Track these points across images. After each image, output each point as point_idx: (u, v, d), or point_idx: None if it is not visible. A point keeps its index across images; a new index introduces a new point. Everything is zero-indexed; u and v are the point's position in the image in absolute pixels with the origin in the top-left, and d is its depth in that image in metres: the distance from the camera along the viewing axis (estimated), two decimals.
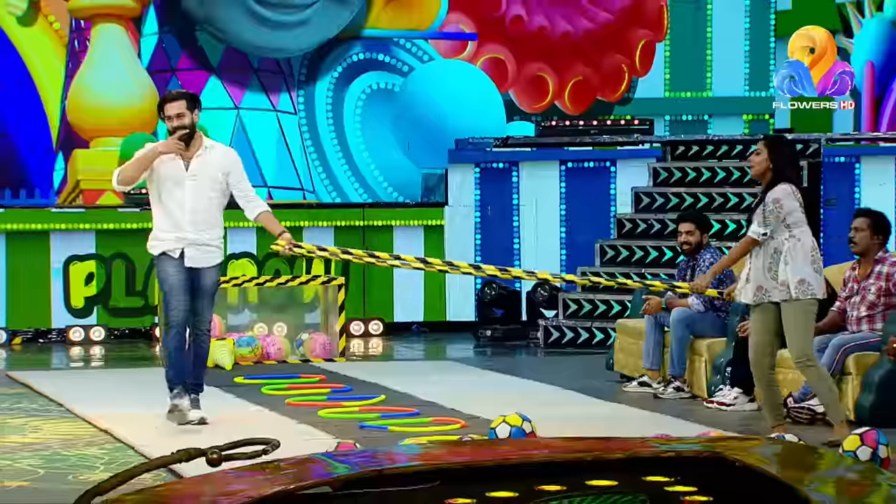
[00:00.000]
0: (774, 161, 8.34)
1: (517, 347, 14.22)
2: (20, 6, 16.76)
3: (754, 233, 8.24)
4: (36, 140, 17.09)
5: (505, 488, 4.50)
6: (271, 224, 9.21)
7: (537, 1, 18.41)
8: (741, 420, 9.49)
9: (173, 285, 9.01)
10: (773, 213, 8.20)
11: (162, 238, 9.07)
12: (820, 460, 4.95)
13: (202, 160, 9.06)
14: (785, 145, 8.64)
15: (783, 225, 8.24)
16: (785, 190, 8.25)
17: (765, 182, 8.42)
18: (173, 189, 9.02)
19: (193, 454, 4.38)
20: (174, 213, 9.02)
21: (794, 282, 8.13)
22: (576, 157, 15.22)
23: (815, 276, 8.22)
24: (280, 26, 17.02)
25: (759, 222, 8.22)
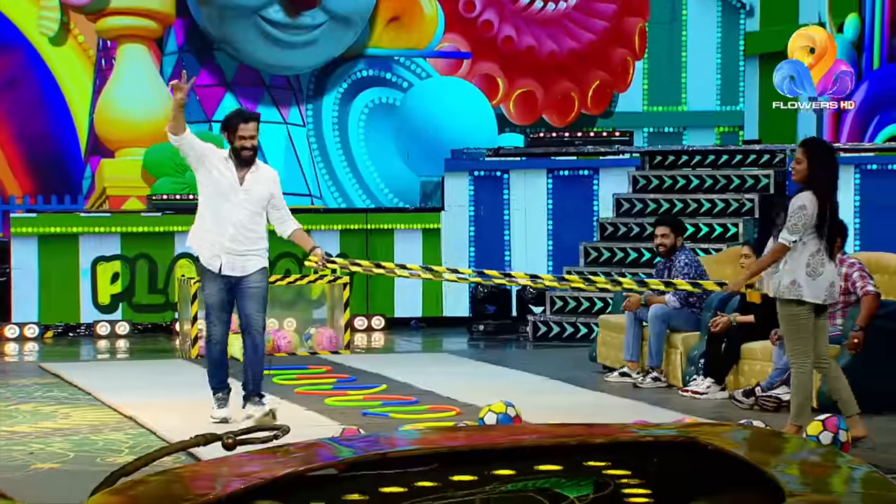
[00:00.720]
0: (812, 167, 7.96)
1: (508, 341, 14.22)
2: (52, 27, 16.76)
3: (785, 239, 7.90)
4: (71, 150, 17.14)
5: (497, 469, 4.51)
6: (304, 241, 8.93)
7: (526, 23, 18.41)
8: (713, 408, 9.50)
9: (213, 304, 8.72)
10: (802, 219, 7.86)
11: (204, 247, 8.73)
12: (785, 444, 4.95)
13: (256, 176, 8.80)
14: (825, 150, 8.17)
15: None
16: (808, 197, 7.91)
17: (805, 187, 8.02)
18: (224, 199, 8.66)
19: (210, 439, 4.39)
20: (221, 222, 8.65)
21: (787, 282, 7.93)
22: (562, 166, 15.22)
23: (807, 279, 7.92)
24: (290, 46, 17.03)
25: (787, 228, 7.89)
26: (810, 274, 7.94)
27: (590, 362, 11.68)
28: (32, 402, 9.88)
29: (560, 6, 18.49)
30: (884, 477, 4.26)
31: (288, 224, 8.96)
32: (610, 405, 9.67)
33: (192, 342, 12.58)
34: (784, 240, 7.92)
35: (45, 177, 17.03)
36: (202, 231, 8.75)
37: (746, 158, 14.47)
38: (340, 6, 17.04)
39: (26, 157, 17.02)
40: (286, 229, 8.95)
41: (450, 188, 15.39)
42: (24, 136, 17.00)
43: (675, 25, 20.01)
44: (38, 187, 16.91)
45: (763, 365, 9.60)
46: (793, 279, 7.93)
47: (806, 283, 7.93)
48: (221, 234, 8.65)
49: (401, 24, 17.91)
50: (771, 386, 9.33)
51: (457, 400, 9.71)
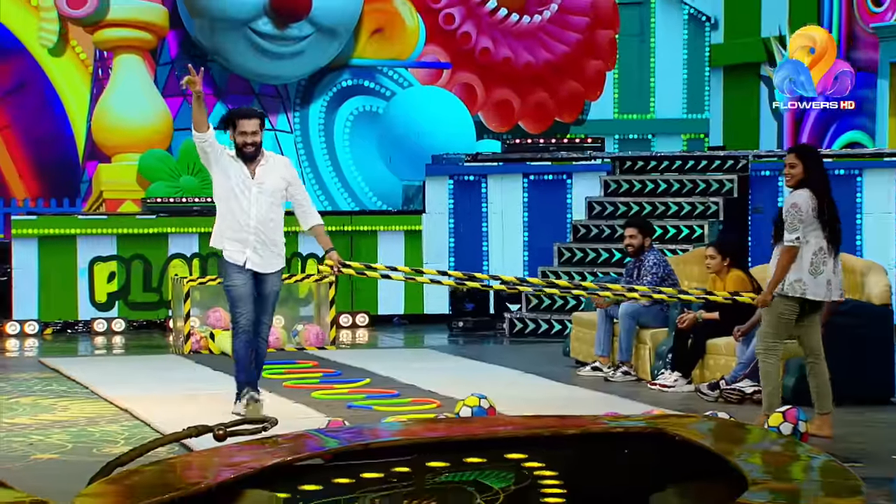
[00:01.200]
0: (807, 171, 7.88)
1: (486, 337, 14.22)
2: (51, 38, 16.71)
3: (788, 241, 7.81)
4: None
5: (475, 455, 4.51)
6: (322, 238, 8.72)
7: (503, 35, 18.42)
8: (680, 400, 9.51)
9: (241, 295, 8.48)
10: (796, 216, 7.78)
11: (227, 242, 8.50)
12: (747, 435, 4.96)
13: (266, 168, 8.54)
14: (815, 155, 8.10)
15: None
16: (801, 195, 7.84)
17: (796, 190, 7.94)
18: (240, 194, 8.46)
19: (202, 430, 4.38)
20: (239, 218, 8.45)
21: (792, 279, 7.84)
22: (537, 171, 15.23)
23: (811, 279, 7.86)
24: (278, 56, 17.00)
25: (787, 230, 7.81)
26: (812, 272, 7.87)
27: (563, 357, 11.68)
28: (32, 395, 9.85)
29: (535, 19, 18.49)
30: (841, 465, 4.27)
31: (310, 217, 8.71)
32: (582, 398, 9.68)
33: (184, 338, 12.54)
34: (788, 242, 7.82)
35: (47, 180, 16.98)
36: (226, 229, 8.49)
37: (711, 164, 14.51)
38: (326, 18, 17.02)
39: (30, 160, 16.96)
40: (307, 222, 8.71)
41: (430, 192, 15.38)
42: (28, 140, 16.96)
43: (644, 38, 20.05)
44: (40, 190, 16.86)
45: (727, 360, 9.62)
46: (798, 277, 7.85)
47: (809, 281, 7.86)
48: (244, 229, 8.44)
49: (384, 35, 17.89)
50: (735, 379, 9.36)
51: (437, 393, 9.70)
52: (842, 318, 9.19)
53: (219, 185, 8.58)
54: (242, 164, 8.54)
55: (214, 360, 11.91)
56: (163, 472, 4.26)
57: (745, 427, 5.26)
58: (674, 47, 20.06)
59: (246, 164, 8.53)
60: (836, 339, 9.16)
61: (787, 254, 7.83)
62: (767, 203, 14.17)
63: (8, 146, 16.92)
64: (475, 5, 18.19)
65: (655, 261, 10.77)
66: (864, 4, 18.35)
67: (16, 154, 16.93)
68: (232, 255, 8.48)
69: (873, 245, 13.71)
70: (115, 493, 3.94)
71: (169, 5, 16.69)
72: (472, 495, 4.15)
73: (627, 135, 19.91)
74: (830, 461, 4.31)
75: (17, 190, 16.88)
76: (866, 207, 13.92)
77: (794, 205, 7.83)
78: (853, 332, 9.21)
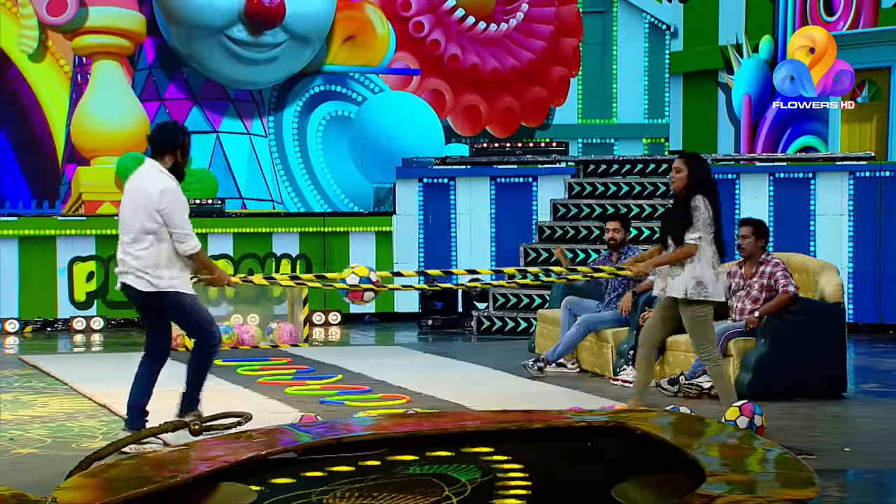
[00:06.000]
0: (692, 176, 7.98)
1: (454, 334, 14.22)
2: (31, 45, 16.61)
3: (692, 240, 7.85)
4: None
5: (441, 450, 4.51)
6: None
7: (471, 42, 18.43)
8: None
9: (205, 307, 7.85)
10: (698, 218, 7.85)
11: (186, 274, 7.54)
12: (706, 428, 4.98)
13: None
14: (702, 162, 8.22)
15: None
16: (703, 199, 7.92)
17: (683, 193, 8.01)
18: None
19: (178, 425, 4.36)
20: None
21: (693, 283, 7.89)
22: (503, 174, 15.24)
23: (713, 280, 7.93)
24: (253, 63, 16.96)
25: (692, 229, 7.86)
26: (715, 275, 7.93)
27: (529, 353, 11.69)
28: (13, 391, 9.78)
29: (502, 27, 18.52)
30: (795, 458, 4.30)
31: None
32: (548, 393, 9.69)
33: None
34: (692, 240, 7.87)
35: (28, 182, 16.88)
36: (182, 263, 7.49)
37: (671, 167, 14.54)
38: (300, 26, 16.98)
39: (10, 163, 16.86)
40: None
41: (401, 194, 15.37)
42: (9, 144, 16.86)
43: (607, 46, 20.10)
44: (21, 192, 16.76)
45: (686, 356, 9.66)
46: (699, 280, 7.89)
47: (711, 284, 7.92)
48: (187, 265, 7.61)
49: (355, 42, 17.88)
50: (694, 375, 9.39)
51: (407, 389, 9.69)
52: (797, 315, 9.26)
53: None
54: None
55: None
56: (139, 465, 4.24)
57: (704, 421, 5.29)
58: (635, 55, 20.12)
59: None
60: (792, 335, 9.23)
61: (688, 250, 7.87)
62: (725, 205, 14.21)
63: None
64: (444, 14, 18.20)
65: (633, 256, 10.70)
66: (818, 13, 18.46)
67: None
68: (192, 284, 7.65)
69: (826, 246, 13.80)
70: (93, 486, 3.93)
71: (146, 13, 16.62)
72: (440, 487, 4.16)
73: (591, 139, 19.95)
74: (785, 454, 4.34)
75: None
76: (819, 209, 14.00)
77: (697, 207, 7.90)
78: (807, 330, 9.27)
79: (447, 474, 4.30)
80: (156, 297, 7.44)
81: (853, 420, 8.66)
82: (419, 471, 4.35)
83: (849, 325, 10.00)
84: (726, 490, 3.72)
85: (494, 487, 4.16)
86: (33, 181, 16.93)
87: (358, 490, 4.12)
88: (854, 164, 14.00)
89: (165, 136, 7.48)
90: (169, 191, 7.37)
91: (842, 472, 6.82)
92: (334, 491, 4.09)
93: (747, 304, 9.44)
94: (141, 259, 7.39)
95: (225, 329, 12.67)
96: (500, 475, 4.27)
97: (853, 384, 9.82)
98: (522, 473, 4.27)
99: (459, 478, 4.25)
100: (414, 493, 4.07)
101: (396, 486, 4.16)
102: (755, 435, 5.47)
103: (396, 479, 4.26)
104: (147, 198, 7.36)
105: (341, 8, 17.54)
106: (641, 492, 4.21)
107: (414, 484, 4.18)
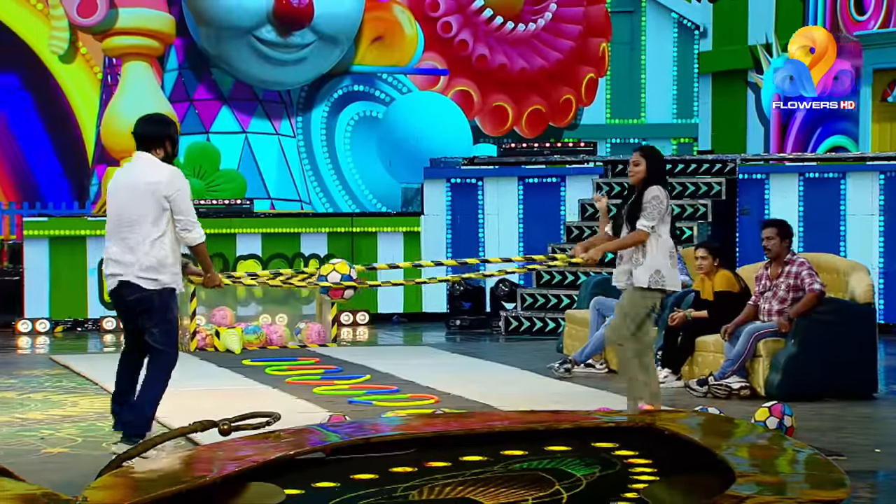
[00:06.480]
0: (650, 169, 7.92)
1: (482, 335, 14.22)
2: (62, 46, 16.71)
3: (644, 226, 7.79)
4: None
5: (473, 453, 4.50)
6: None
7: (499, 42, 18.42)
8: (670, 396, 9.48)
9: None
10: (656, 207, 7.80)
11: (179, 272, 7.27)
12: (735, 429, 4.96)
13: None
14: (658, 155, 8.16)
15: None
16: (660, 189, 7.88)
17: (640, 186, 7.94)
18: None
19: (207, 425, 4.37)
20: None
21: (651, 271, 7.81)
22: (532, 174, 15.23)
23: (670, 269, 7.86)
24: (281, 63, 16.99)
25: (645, 216, 7.80)
26: (671, 265, 7.89)
27: (557, 354, 11.67)
28: (43, 391, 9.84)
29: (530, 27, 18.50)
30: (825, 459, 4.28)
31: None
32: (576, 393, 9.67)
33: (190, 336, 12.54)
34: (644, 227, 7.80)
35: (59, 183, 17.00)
36: (178, 259, 7.26)
37: (700, 167, 14.51)
38: (328, 27, 17.01)
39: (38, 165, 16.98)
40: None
41: (428, 194, 15.38)
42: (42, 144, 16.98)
43: (635, 45, 20.06)
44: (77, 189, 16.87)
45: (715, 356, 9.62)
46: (656, 269, 7.83)
47: (668, 273, 7.87)
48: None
49: (384, 43, 17.90)
50: (723, 375, 9.35)
51: (435, 389, 9.69)
52: (826, 316, 9.21)
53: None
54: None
55: (220, 358, 11.91)
56: (170, 465, 4.26)
57: (733, 422, 5.26)
58: (664, 54, 20.07)
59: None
60: (821, 336, 9.19)
61: (638, 236, 7.81)
62: (754, 205, 14.18)
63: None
64: (472, 14, 18.19)
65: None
66: (848, 13, 18.35)
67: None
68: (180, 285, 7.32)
69: (856, 246, 13.72)
70: (123, 485, 3.94)
71: (176, 14, 16.68)
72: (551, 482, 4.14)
73: (619, 139, 19.91)
74: (815, 455, 4.31)
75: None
76: (850, 209, 13.93)
77: (655, 196, 7.84)
78: (837, 330, 9.23)
79: (562, 469, 4.29)
80: (155, 295, 7.02)
81: (883, 421, 8.61)
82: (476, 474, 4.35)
83: (879, 326, 9.93)
84: (756, 491, 3.70)
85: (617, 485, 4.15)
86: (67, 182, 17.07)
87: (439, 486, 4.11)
88: (885, 164, 13.91)
89: (156, 128, 7.19)
90: (177, 176, 7.08)
91: (872, 473, 6.78)
92: (420, 487, 4.08)
93: (774, 304, 9.40)
94: (149, 255, 6.99)
95: (253, 329, 12.71)
96: (566, 472, 4.25)
97: (884, 385, 9.75)
98: (592, 470, 4.27)
99: (574, 472, 4.24)
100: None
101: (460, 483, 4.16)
102: (785, 436, 5.45)
103: (462, 479, 4.24)
104: (152, 186, 6.99)
105: (369, 8, 17.55)
106: (670, 493, 4.19)
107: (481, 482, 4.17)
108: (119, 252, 7.08)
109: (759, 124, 19.56)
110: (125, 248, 7.06)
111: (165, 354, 7.15)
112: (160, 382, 7.15)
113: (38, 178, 17.37)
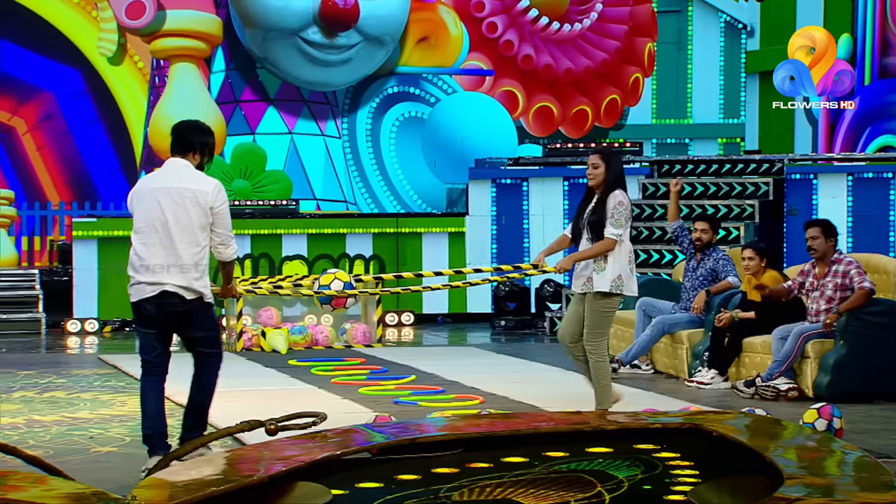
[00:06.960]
0: (609, 172, 7.89)
1: (527, 335, 14.20)
2: (110, 48, 16.85)
3: (613, 234, 7.79)
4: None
5: (517, 454, 4.50)
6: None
7: (544, 42, 18.38)
8: (717, 397, 9.45)
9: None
10: (623, 214, 7.78)
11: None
12: (783, 431, 4.93)
13: None
14: (618, 158, 8.14)
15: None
16: (623, 194, 7.86)
17: (601, 190, 7.91)
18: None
19: (254, 425, 4.40)
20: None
21: (614, 277, 7.83)
22: (577, 174, 15.19)
23: (629, 275, 7.88)
24: (327, 64, 17.05)
25: (612, 224, 7.79)
26: (631, 270, 7.92)
27: None
28: (92, 390, 9.92)
29: (575, 27, 18.45)
30: (875, 461, 4.24)
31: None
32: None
33: (237, 336, 12.61)
34: (613, 235, 7.81)
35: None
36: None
37: (747, 167, 14.41)
38: (373, 28, 17.05)
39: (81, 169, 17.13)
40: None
41: (473, 195, 15.39)
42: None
43: (682, 45, 19.96)
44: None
45: (763, 357, 9.56)
46: (618, 274, 7.85)
47: (627, 279, 7.90)
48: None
49: (429, 44, 17.91)
50: (771, 377, 9.29)
51: (480, 389, 9.69)
52: (875, 317, 9.13)
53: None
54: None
55: (266, 357, 11.96)
56: (218, 465, 4.28)
57: (781, 423, 5.23)
58: (710, 54, 19.95)
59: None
60: (870, 337, 9.10)
61: (607, 244, 7.80)
62: (802, 205, 14.08)
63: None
64: (517, 14, 18.17)
65: (721, 257, 10.63)
66: None
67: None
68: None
69: None
70: (171, 485, 3.97)
71: (223, 16, 16.79)
72: (593, 484, 4.14)
73: (665, 139, 19.82)
74: (864, 457, 4.28)
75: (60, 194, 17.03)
76: None
77: (620, 202, 7.83)
78: (886, 331, 9.14)
79: (605, 471, 4.29)
80: (200, 302, 6.88)
81: None
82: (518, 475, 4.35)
83: None
84: (805, 493, 3.67)
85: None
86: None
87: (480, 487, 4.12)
88: None
89: (199, 137, 7.06)
90: (222, 188, 6.86)
91: None
92: (463, 488, 4.09)
93: (822, 304, 9.32)
94: (198, 265, 6.84)
95: (299, 329, 12.76)
96: (608, 474, 4.25)
97: None
98: (633, 472, 4.26)
99: (616, 474, 4.24)
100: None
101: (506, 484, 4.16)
102: (834, 438, 5.40)
103: (505, 479, 4.24)
104: (197, 195, 6.78)
105: (415, 9, 17.58)
106: (718, 494, 4.17)
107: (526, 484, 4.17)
108: (163, 258, 6.87)
109: (807, 124, 19.41)
110: (171, 255, 6.85)
111: (217, 357, 7.05)
112: (215, 386, 7.11)
113: (93, 177, 17.54)
